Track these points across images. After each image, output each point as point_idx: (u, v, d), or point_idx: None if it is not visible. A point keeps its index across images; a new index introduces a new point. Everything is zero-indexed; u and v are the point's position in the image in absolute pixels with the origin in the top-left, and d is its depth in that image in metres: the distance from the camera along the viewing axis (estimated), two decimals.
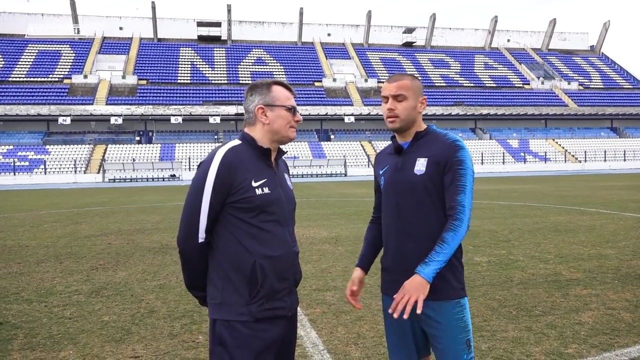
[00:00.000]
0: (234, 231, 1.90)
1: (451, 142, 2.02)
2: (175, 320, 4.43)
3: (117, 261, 7.19)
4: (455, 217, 1.96)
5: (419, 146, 2.07)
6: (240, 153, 1.93)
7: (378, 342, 3.80)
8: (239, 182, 1.88)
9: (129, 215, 13.91)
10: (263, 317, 1.88)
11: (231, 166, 1.88)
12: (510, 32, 77.31)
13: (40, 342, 3.95)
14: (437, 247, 1.94)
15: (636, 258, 6.64)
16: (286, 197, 2.03)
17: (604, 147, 57.34)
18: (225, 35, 67.72)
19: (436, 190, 2.02)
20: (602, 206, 13.46)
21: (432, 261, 1.92)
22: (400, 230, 2.07)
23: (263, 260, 1.88)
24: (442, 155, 2.00)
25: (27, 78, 55.66)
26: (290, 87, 2.07)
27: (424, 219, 2.02)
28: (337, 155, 51.67)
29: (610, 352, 3.51)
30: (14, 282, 6.05)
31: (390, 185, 2.10)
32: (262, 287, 1.88)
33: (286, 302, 1.96)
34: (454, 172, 1.99)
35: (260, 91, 2.01)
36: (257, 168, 1.94)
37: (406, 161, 2.08)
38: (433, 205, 2.02)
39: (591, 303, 4.67)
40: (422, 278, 1.90)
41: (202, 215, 1.88)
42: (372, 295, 5.09)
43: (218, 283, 1.92)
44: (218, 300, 1.90)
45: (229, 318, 1.87)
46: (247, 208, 1.88)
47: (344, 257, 7.13)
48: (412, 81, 2.09)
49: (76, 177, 45.06)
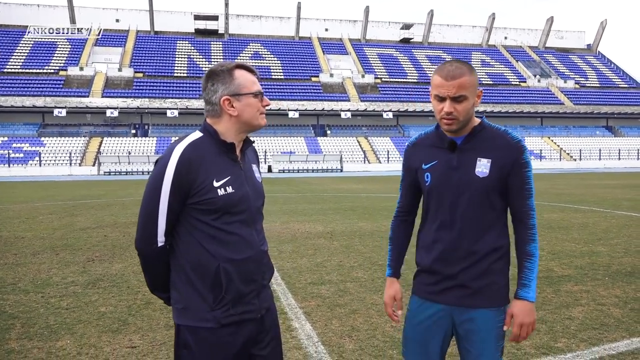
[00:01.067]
0: (196, 234, 1.76)
1: (516, 142, 1.88)
2: (171, 311, 4.46)
3: (113, 253, 7.22)
4: (530, 224, 1.90)
5: (477, 143, 1.91)
6: (201, 148, 1.77)
7: (371, 335, 3.86)
8: (199, 182, 1.73)
9: (125, 208, 13.92)
10: (229, 322, 1.77)
11: (190, 164, 1.72)
12: (508, 29, 77.40)
13: (37, 331, 3.99)
14: (527, 264, 1.89)
15: (627, 255, 6.73)
16: (254, 194, 1.88)
17: (599, 145, 57.60)
18: (222, 29, 67.52)
19: (498, 194, 1.90)
20: (596, 204, 13.57)
21: (531, 280, 1.88)
22: (455, 233, 1.92)
23: (227, 264, 1.75)
24: (508, 157, 1.87)
25: (23, 69, 55.36)
26: (252, 68, 1.89)
27: (481, 221, 1.90)
28: (333, 150, 51.70)
29: (599, 346, 3.58)
30: (10, 272, 6.07)
31: (444, 184, 1.93)
32: (227, 292, 1.76)
33: (254, 305, 1.84)
34: (522, 176, 1.88)
35: (222, 79, 1.82)
36: (220, 165, 1.78)
37: (463, 160, 1.90)
38: (492, 209, 1.91)
39: (582, 299, 4.74)
40: (530, 302, 1.87)
41: (160, 218, 1.74)
42: (366, 290, 5.16)
43: (181, 287, 1.79)
44: (181, 305, 1.79)
45: (192, 324, 1.76)
46: (208, 210, 1.74)
47: (339, 252, 7.18)
48: (471, 76, 1.86)
49: (71, 169, 44.93)
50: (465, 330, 1.92)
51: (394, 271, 2.15)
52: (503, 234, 1.95)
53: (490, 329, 1.89)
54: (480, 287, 1.90)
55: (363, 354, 3.51)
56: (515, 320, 1.86)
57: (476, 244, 1.90)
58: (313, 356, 3.48)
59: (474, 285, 1.91)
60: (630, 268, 6.00)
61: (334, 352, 3.56)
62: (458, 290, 1.92)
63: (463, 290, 1.91)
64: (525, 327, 1.86)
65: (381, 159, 52.05)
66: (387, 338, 3.80)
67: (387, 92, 61.00)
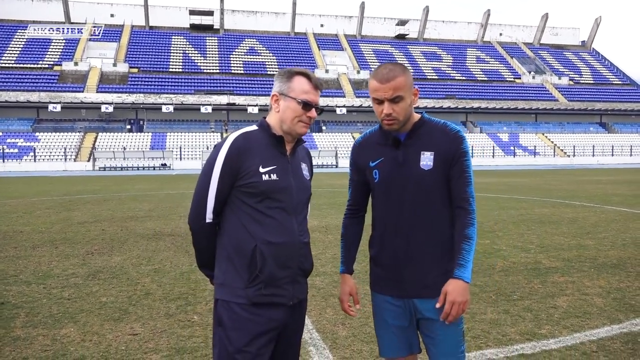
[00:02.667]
0: (240, 215, 1.92)
1: (455, 133, 1.98)
2: (170, 301, 4.62)
3: (112, 247, 7.35)
4: (469, 209, 1.96)
5: (419, 138, 2.00)
6: (252, 139, 1.95)
7: (364, 323, 4.02)
8: (246, 167, 1.90)
9: (121, 203, 14.02)
10: (260, 302, 1.89)
11: (239, 151, 1.90)
12: (503, 26, 77.57)
13: (41, 320, 4.13)
14: (465, 246, 1.93)
15: (614, 249, 6.92)
16: (298, 186, 2.01)
17: (593, 142, 57.97)
18: (217, 24, 67.35)
19: (443, 185, 1.98)
20: (587, 199, 13.78)
21: (467, 261, 1.92)
22: (405, 227, 1.99)
23: (264, 245, 1.89)
24: (449, 148, 1.96)
25: (17, 64, 55.11)
26: (315, 80, 2.01)
27: (432, 213, 1.98)
28: (328, 146, 51.84)
29: (580, 332, 3.76)
30: (11, 265, 6.20)
31: (392, 180, 2.01)
32: (261, 272, 1.88)
33: (287, 291, 1.94)
34: (461, 164, 1.96)
35: (281, 79, 2.00)
36: (268, 154, 1.95)
37: (408, 155, 1.99)
38: (441, 199, 1.99)
39: (567, 289, 4.92)
40: (464, 282, 1.90)
41: (209, 197, 1.92)
42: (359, 281, 5.29)
43: (222, 264, 1.96)
44: (220, 280, 1.95)
45: (227, 299, 1.90)
46: (252, 193, 1.90)
47: (333, 245, 7.35)
48: (405, 76, 1.95)
49: (66, 165, 44.84)
50: (424, 320, 2.00)
51: (346, 267, 2.21)
52: (452, 223, 2.00)
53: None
54: (434, 277, 1.97)
55: (355, 340, 3.68)
56: (448, 298, 1.89)
57: (426, 236, 1.97)
58: (308, 342, 3.64)
59: (426, 277, 1.98)
60: (615, 260, 6.18)
61: (328, 338, 3.72)
62: (415, 283, 1.99)
63: (416, 282, 1.98)
64: (457, 306, 1.88)
65: None
66: None
67: None
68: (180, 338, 3.72)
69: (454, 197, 1.98)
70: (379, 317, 2.10)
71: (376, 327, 2.14)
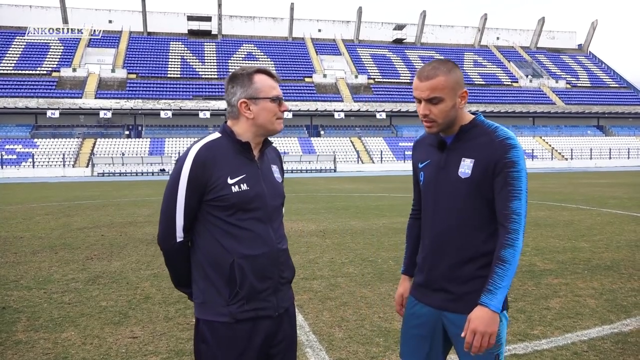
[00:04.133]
0: (212, 230, 1.82)
1: (501, 139, 1.78)
2: (169, 305, 4.69)
3: (111, 252, 7.41)
4: (510, 228, 1.73)
5: (465, 142, 1.85)
6: (216, 148, 1.83)
7: (360, 325, 4.09)
8: (214, 180, 1.79)
9: (120, 208, 14.08)
10: (244, 318, 1.81)
11: (205, 164, 1.79)
12: (500, 30, 77.93)
13: (42, 324, 4.20)
14: (498, 270, 1.71)
15: (608, 251, 6.99)
16: (271, 192, 1.91)
17: (590, 145, 58.16)
18: (215, 30, 67.60)
19: (482, 196, 1.81)
20: (583, 202, 13.87)
21: (498, 288, 1.70)
22: (438, 235, 1.88)
23: (242, 259, 1.80)
24: (492, 156, 1.77)
25: (15, 70, 55.24)
26: (273, 73, 1.93)
27: (466, 225, 1.83)
28: (326, 151, 51.94)
29: (572, 333, 3.83)
30: (12, 270, 6.26)
31: (431, 184, 1.91)
32: (242, 287, 1.80)
33: (270, 302, 1.86)
34: (505, 175, 1.75)
35: (241, 82, 1.87)
36: (235, 163, 1.84)
37: (450, 159, 1.86)
38: (478, 212, 1.82)
39: (560, 291, 5.00)
40: (492, 311, 1.69)
41: (177, 215, 1.81)
42: (356, 284, 5.39)
43: (200, 282, 1.86)
44: (200, 300, 1.86)
45: (210, 318, 1.82)
46: (223, 206, 1.80)
47: (331, 249, 7.41)
48: (448, 76, 1.80)
49: (65, 170, 44.89)
50: (452, 334, 1.88)
51: (406, 269, 2.15)
52: (491, 240, 1.82)
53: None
54: (463, 293, 1.83)
55: (351, 342, 3.74)
56: (470, 326, 1.70)
57: (459, 249, 1.84)
58: (304, 344, 3.71)
59: (456, 291, 1.85)
60: (609, 262, 6.26)
61: (324, 340, 3.79)
62: (443, 294, 1.88)
63: (446, 294, 1.87)
64: (479, 336, 1.68)
65: (374, 159, 52.34)
66: (375, 327, 4.03)
67: (380, 92, 61.32)
68: (179, 341, 3.79)
69: (497, 213, 1.79)
70: (406, 319, 2.03)
71: (402, 329, 2.06)
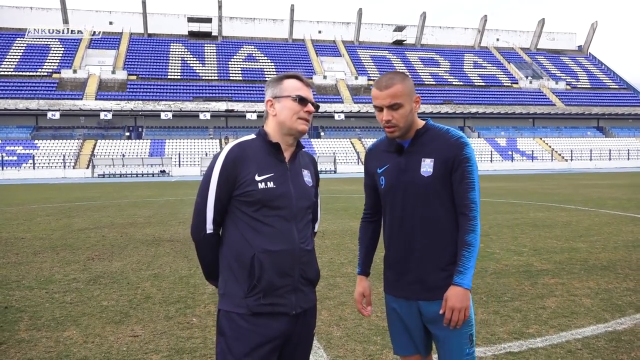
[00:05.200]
0: (238, 224, 1.93)
1: (456, 139, 2.01)
2: (170, 305, 4.74)
3: (112, 252, 7.46)
4: (471, 215, 1.98)
5: (421, 145, 2.04)
6: (249, 147, 1.96)
7: (358, 324, 4.14)
8: (242, 176, 1.91)
9: (121, 209, 14.14)
10: (260, 311, 1.88)
11: (235, 161, 1.92)
12: (500, 31, 78.04)
13: (44, 323, 4.25)
14: (465, 253, 1.95)
15: (605, 251, 7.05)
16: (298, 193, 1.99)
17: (590, 146, 58.21)
18: (215, 31, 67.72)
19: (445, 190, 2.01)
20: (581, 203, 13.93)
21: (466, 268, 1.94)
22: (408, 231, 2.05)
23: (262, 254, 1.88)
24: (449, 154, 1.99)
25: (16, 72, 55.35)
26: (304, 78, 2.03)
27: (433, 219, 2.02)
28: (327, 152, 52.00)
29: (567, 331, 3.89)
30: (13, 271, 6.32)
31: (395, 187, 2.07)
32: (259, 281, 1.87)
33: (288, 300, 1.92)
34: (462, 170, 1.99)
35: (272, 85, 2.03)
36: (265, 162, 1.95)
37: (410, 161, 2.04)
38: (442, 205, 2.02)
39: (556, 290, 5.05)
40: (464, 288, 1.93)
41: (208, 208, 1.93)
42: (354, 284, 5.40)
43: (224, 274, 1.97)
44: (222, 290, 1.96)
45: (228, 309, 1.90)
46: (249, 202, 1.90)
47: (330, 250, 7.47)
48: (404, 84, 2.01)
49: (65, 172, 44.97)
50: (429, 322, 2.05)
51: (362, 269, 2.30)
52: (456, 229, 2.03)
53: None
54: (437, 281, 2.01)
55: (349, 340, 3.80)
56: (447, 304, 1.94)
57: (428, 241, 2.02)
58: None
59: (432, 279, 2.02)
60: (606, 262, 6.32)
61: (323, 338, 3.85)
62: (417, 285, 2.05)
63: (421, 285, 2.04)
64: (457, 312, 1.92)
65: None
66: (373, 326, 4.09)
67: None
68: (179, 339, 3.85)
69: (457, 204, 2.01)
70: (389, 317, 2.18)
71: (389, 326, 2.21)
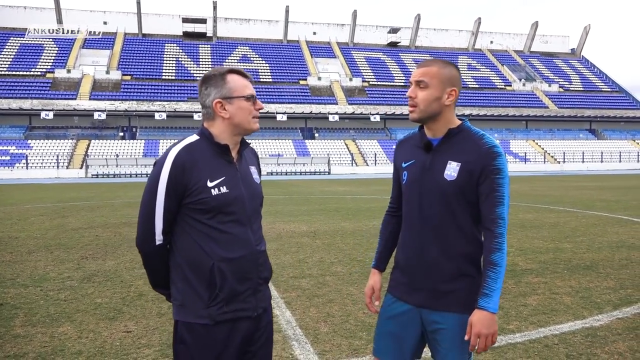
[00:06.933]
0: (192, 232, 1.83)
1: (488, 147, 1.85)
2: (162, 302, 4.85)
3: (106, 251, 7.56)
4: (497, 232, 1.83)
5: (451, 146, 1.90)
6: (196, 151, 1.84)
7: (345, 320, 4.28)
8: (193, 183, 1.80)
9: (115, 209, 14.22)
10: (223, 319, 1.83)
11: (184, 167, 1.80)
12: (494, 33, 78.45)
13: (39, 320, 4.36)
14: (491, 273, 1.80)
15: (589, 251, 7.22)
16: (250, 194, 1.93)
17: (583, 148, 58.65)
18: (210, 32, 67.71)
19: (465, 199, 1.87)
20: (570, 205, 14.13)
21: (493, 290, 1.80)
22: (422, 233, 1.94)
23: (222, 262, 1.82)
24: (478, 162, 1.84)
25: (9, 72, 55.13)
26: (245, 73, 1.96)
27: (449, 226, 1.89)
28: (321, 153, 52.12)
29: (545, 327, 4.04)
30: (8, 269, 6.41)
31: (415, 184, 1.95)
32: (221, 290, 1.82)
33: (250, 303, 1.89)
34: (491, 182, 1.83)
35: (215, 83, 1.89)
36: (214, 166, 1.85)
37: (436, 161, 1.91)
38: (461, 213, 1.89)
39: (539, 289, 5.21)
40: (491, 312, 1.79)
41: (157, 217, 1.82)
42: (343, 282, 5.58)
43: (179, 285, 1.87)
44: (179, 301, 1.87)
45: (189, 320, 1.84)
46: (202, 209, 1.81)
47: (321, 249, 7.60)
48: (441, 68, 1.90)
49: (59, 172, 44.84)
50: (433, 331, 1.93)
51: (377, 263, 2.21)
52: (473, 241, 1.91)
53: (455, 333, 1.88)
54: (446, 291, 1.90)
55: (336, 336, 3.93)
56: (473, 330, 1.80)
57: (441, 248, 1.90)
58: (291, 337, 3.89)
59: (440, 289, 1.91)
60: (589, 262, 6.48)
61: (310, 334, 3.98)
62: (426, 292, 1.93)
63: (430, 292, 1.92)
64: (483, 338, 1.79)
65: (369, 161, 52.57)
66: (359, 322, 4.22)
67: (375, 95, 61.63)
68: (171, 334, 3.94)
69: (482, 217, 1.87)
70: (382, 317, 2.07)
71: (377, 326, 2.10)
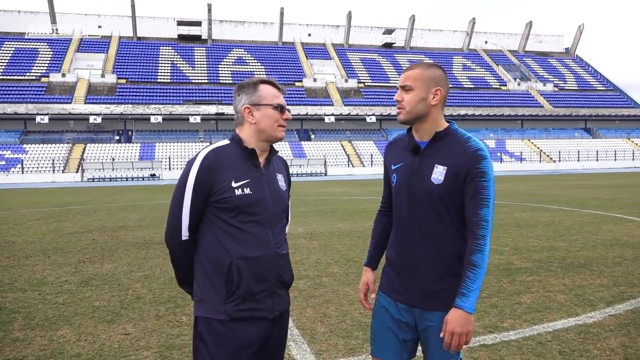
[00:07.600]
0: (215, 230, 1.93)
1: (474, 150, 1.88)
2: (160, 304, 4.89)
3: (103, 255, 7.59)
4: (479, 234, 1.85)
5: (438, 149, 1.94)
6: (224, 153, 1.96)
7: (341, 320, 4.32)
8: (219, 183, 1.91)
9: (111, 213, 14.22)
10: (239, 317, 1.90)
11: (211, 167, 1.92)
12: (488, 34, 78.73)
13: (38, 323, 4.39)
14: (470, 274, 1.82)
15: (583, 250, 7.28)
16: (273, 199, 2.01)
17: (578, 147, 58.89)
18: (205, 35, 67.73)
19: (452, 202, 1.91)
20: (565, 204, 14.22)
21: (470, 290, 1.82)
22: (411, 234, 1.98)
23: (240, 260, 1.90)
24: (463, 165, 1.88)
25: (4, 76, 55.00)
26: (278, 85, 2.05)
27: (436, 227, 1.93)
28: (317, 155, 52.17)
29: (539, 325, 4.10)
30: (5, 274, 6.43)
31: (404, 187, 2.00)
32: (238, 287, 1.89)
33: (266, 304, 1.95)
34: (476, 185, 1.86)
35: (247, 90, 2.01)
36: (241, 168, 1.95)
37: (423, 165, 1.95)
38: (449, 216, 1.93)
39: (533, 287, 5.26)
40: (466, 312, 1.81)
41: (184, 214, 1.93)
42: (339, 283, 5.63)
43: (200, 281, 1.97)
44: (199, 297, 1.96)
45: (207, 315, 1.92)
46: (226, 208, 1.91)
47: (317, 250, 7.65)
48: (424, 70, 1.94)
49: (54, 176, 44.75)
50: (424, 329, 1.98)
51: (369, 261, 2.26)
52: (461, 242, 1.94)
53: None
54: (436, 291, 1.94)
55: (332, 336, 3.97)
56: (447, 328, 1.83)
57: (429, 249, 1.94)
58: (288, 337, 3.90)
59: (429, 288, 1.95)
60: (583, 260, 6.55)
61: (307, 334, 4.02)
62: (416, 292, 1.98)
63: (420, 292, 1.97)
64: (457, 336, 1.81)
65: (365, 162, 52.65)
66: (355, 322, 4.26)
67: (370, 96, 61.76)
68: (169, 336, 4.00)
69: (467, 219, 1.90)
70: (377, 318, 2.10)
71: (372, 326, 2.13)
